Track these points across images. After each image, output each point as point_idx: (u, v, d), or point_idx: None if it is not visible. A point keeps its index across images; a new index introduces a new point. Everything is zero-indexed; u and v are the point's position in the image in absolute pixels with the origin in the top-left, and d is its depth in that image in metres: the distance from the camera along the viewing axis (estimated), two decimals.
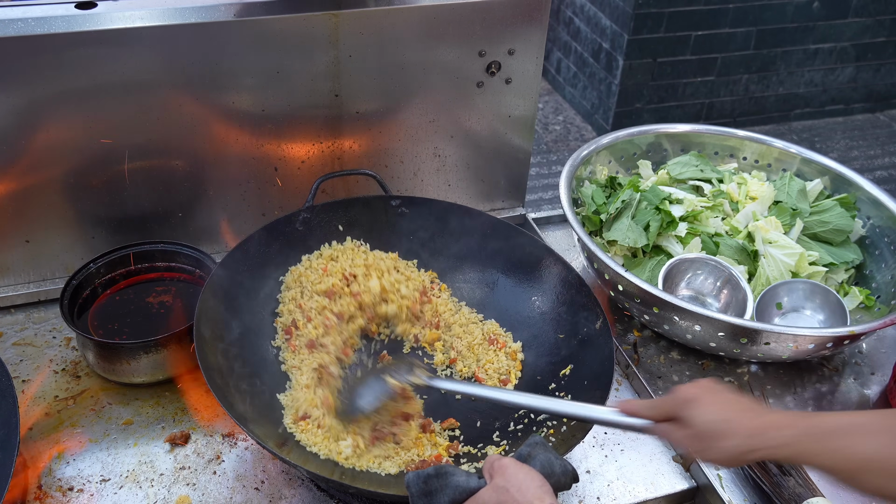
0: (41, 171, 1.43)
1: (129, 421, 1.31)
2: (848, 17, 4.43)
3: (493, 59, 1.58)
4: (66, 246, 1.53)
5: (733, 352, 1.43)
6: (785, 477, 1.22)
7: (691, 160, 1.82)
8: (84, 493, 1.19)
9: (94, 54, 1.34)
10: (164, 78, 1.41)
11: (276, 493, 1.20)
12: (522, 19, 1.55)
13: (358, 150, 1.61)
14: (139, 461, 1.24)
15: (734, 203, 1.72)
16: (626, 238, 1.60)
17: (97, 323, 1.42)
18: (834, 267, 1.61)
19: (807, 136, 4.69)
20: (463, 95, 1.62)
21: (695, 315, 1.37)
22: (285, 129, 1.53)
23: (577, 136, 4.59)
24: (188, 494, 1.19)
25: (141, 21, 1.34)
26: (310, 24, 1.42)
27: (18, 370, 1.39)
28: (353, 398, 1.25)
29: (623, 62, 4.19)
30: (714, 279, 1.56)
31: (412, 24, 1.49)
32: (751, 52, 4.40)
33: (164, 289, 1.49)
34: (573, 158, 1.70)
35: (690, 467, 1.28)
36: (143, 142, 1.46)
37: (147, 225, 1.56)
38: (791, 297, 1.54)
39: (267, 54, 1.43)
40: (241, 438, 1.29)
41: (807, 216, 1.68)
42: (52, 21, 1.30)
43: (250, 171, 1.56)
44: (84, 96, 1.38)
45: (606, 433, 1.34)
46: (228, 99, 1.46)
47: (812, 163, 1.80)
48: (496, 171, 1.77)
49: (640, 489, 1.25)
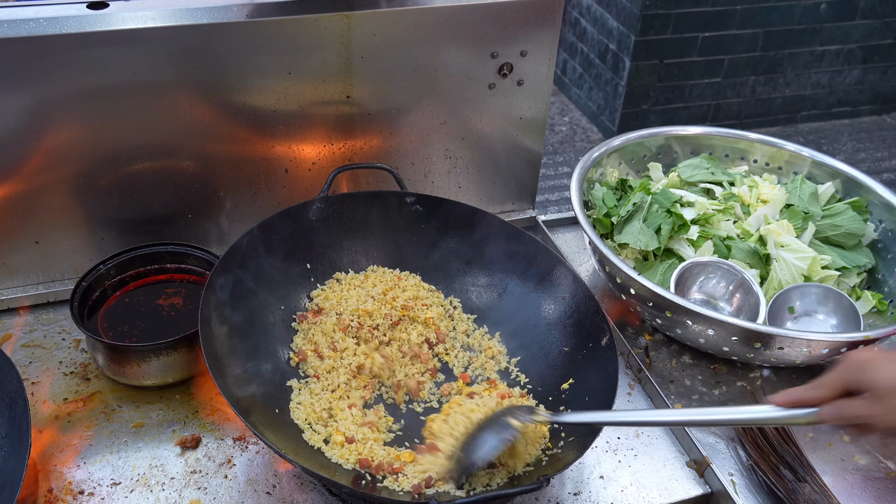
0: (51, 172, 1.42)
1: (139, 424, 1.30)
2: (855, 19, 4.42)
3: (506, 60, 1.57)
4: (75, 247, 1.52)
5: (746, 356, 1.42)
6: (800, 483, 1.21)
7: (702, 163, 1.81)
8: (95, 496, 1.18)
9: (106, 55, 1.33)
10: (175, 78, 1.40)
11: (287, 498, 1.20)
12: (535, 21, 1.54)
13: (369, 151, 1.60)
14: (150, 465, 1.23)
15: (745, 206, 1.71)
16: (638, 241, 1.59)
17: (106, 325, 1.41)
18: (846, 271, 1.60)
19: (813, 138, 4.68)
20: (474, 97, 1.61)
21: (709, 319, 1.36)
22: (296, 131, 1.52)
23: (582, 138, 4.58)
24: (199, 498, 1.19)
25: (152, 21, 1.33)
26: (322, 24, 1.41)
27: (27, 372, 1.38)
28: (472, 448, 1.14)
29: (630, 63, 4.18)
30: (726, 283, 1.55)
31: (425, 26, 1.48)
32: (758, 54, 4.39)
33: (174, 291, 1.48)
34: (584, 161, 1.69)
35: (704, 473, 1.27)
36: (154, 142, 1.46)
37: (156, 226, 1.55)
38: (804, 301, 1.53)
39: (279, 55, 1.43)
40: (251, 442, 1.28)
41: (819, 220, 1.67)
42: (63, 21, 1.29)
43: (261, 172, 1.55)
44: (94, 97, 1.37)
45: (619, 437, 1.34)
46: (239, 100, 1.45)
47: (823, 165, 1.79)
48: (506, 173, 1.76)
49: (653, 495, 1.24)
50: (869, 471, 1.31)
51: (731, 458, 1.30)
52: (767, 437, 1.28)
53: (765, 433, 1.29)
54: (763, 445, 1.27)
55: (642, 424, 1.29)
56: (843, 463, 1.32)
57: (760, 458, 1.26)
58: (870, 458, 1.33)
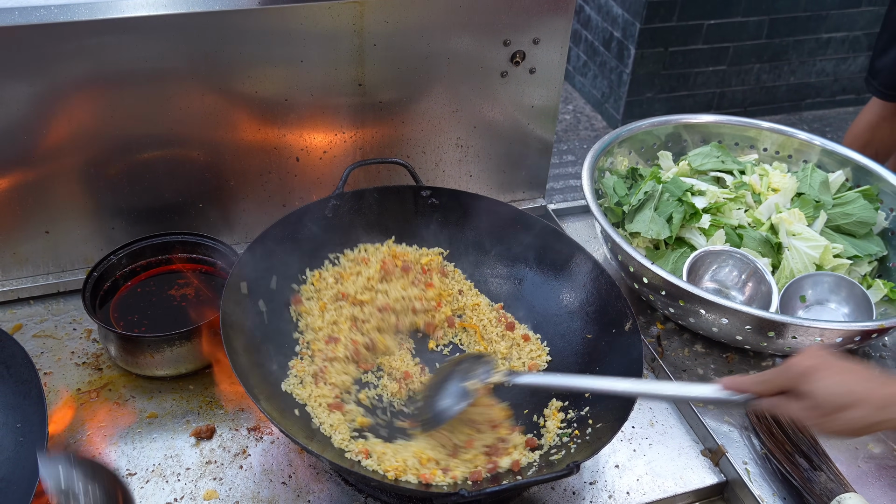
0: (61, 161, 1.41)
1: (153, 414, 1.30)
2: (861, 6, 4.39)
3: (518, 48, 1.56)
4: (85, 237, 1.51)
5: (759, 345, 1.42)
6: (816, 472, 1.21)
7: (712, 151, 1.80)
8: None
9: (117, 42, 1.32)
10: (186, 66, 1.39)
11: (303, 488, 1.20)
12: (548, 7, 1.53)
13: (381, 139, 1.59)
14: (165, 455, 1.23)
15: (756, 195, 1.70)
16: (650, 230, 1.58)
17: (118, 315, 1.41)
18: (858, 259, 1.60)
19: (818, 125, 4.67)
20: (486, 85, 1.60)
21: (723, 308, 1.36)
22: (308, 119, 1.51)
23: (587, 126, 4.56)
24: (215, 489, 1.19)
25: (164, 9, 1.32)
26: (334, 12, 1.40)
27: (40, 362, 1.38)
28: (432, 404, 1.22)
29: (635, 51, 4.16)
30: (738, 272, 1.55)
31: (437, 13, 1.47)
32: (763, 42, 4.36)
33: (186, 281, 1.47)
34: (594, 149, 1.68)
35: (719, 461, 1.27)
36: (164, 131, 1.45)
37: (167, 216, 1.54)
38: (816, 289, 1.53)
39: (290, 43, 1.41)
40: (266, 432, 1.28)
41: (830, 208, 1.66)
42: (74, 9, 1.28)
43: (272, 161, 1.54)
44: (105, 85, 1.36)
45: (634, 427, 1.34)
46: (251, 88, 1.44)
47: (833, 154, 1.78)
48: (517, 161, 1.75)
49: (668, 483, 1.25)
50: (883, 459, 1.31)
51: (745, 447, 1.31)
52: (782, 426, 1.28)
53: (779, 422, 1.29)
54: (777, 434, 1.27)
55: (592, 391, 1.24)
56: (856, 451, 1.32)
57: (775, 446, 1.26)
58: (884, 446, 1.33)
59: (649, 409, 1.37)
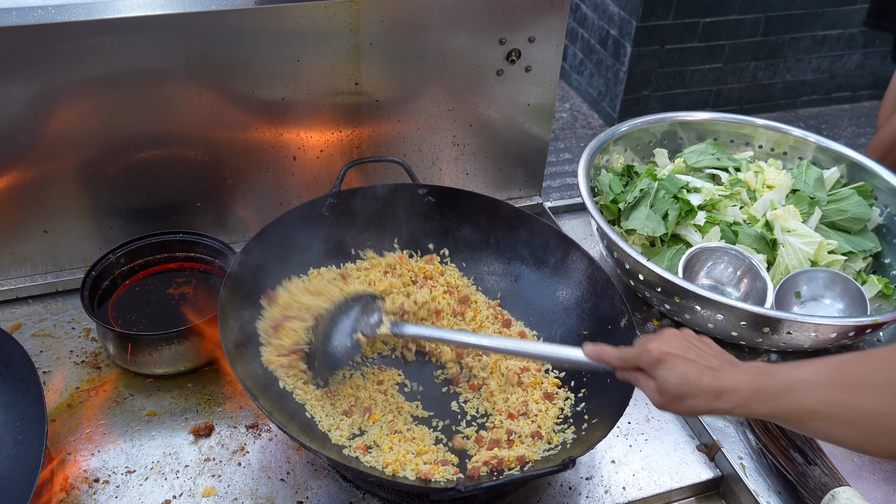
0: (59, 160, 1.42)
1: (151, 412, 1.31)
2: (856, 4, 4.41)
3: (514, 46, 1.57)
4: (83, 236, 1.52)
5: (755, 341, 1.43)
6: (811, 466, 1.22)
7: (707, 148, 1.81)
8: (110, 484, 1.18)
9: (114, 42, 1.33)
10: (184, 66, 1.39)
11: (301, 484, 1.20)
12: (543, 6, 1.54)
13: (377, 138, 1.60)
14: (163, 453, 1.24)
15: (751, 192, 1.71)
16: (645, 227, 1.59)
17: (116, 313, 1.41)
18: (852, 255, 1.61)
19: (814, 123, 4.68)
20: (482, 83, 1.61)
21: (718, 304, 1.37)
22: (304, 118, 1.52)
23: (583, 124, 4.57)
24: (214, 486, 1.19)
25: (161, 9, 1.33)
26: (330, 11, 1.41)
27: (38, 361, 1.38)
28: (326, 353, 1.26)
29: (631, 49, 4.17)
30: (734, 268, 1.56)
31: (433, 11, 1.48)
32: (759, 39, 4.38)
33: (184, 279, 1.48)
34: (590, 147, 1.69)
35: (715, 456, 1.28)
36: (162, 130, 1.45)
37: (165, 215, 1.55)
38: (811, 285, 1.54)
39: (287, 42, 1.42)
40: (265, 429, 1.28)
41: (825, 205, 1.67)
42: (71, 9, 1.29)
43: (269, 159, 1.55)
44: (103, 85, 1.37)
45: (630, 423, 1.34)
46: (248, 87, 1.45)
47: (828, 150, 1.79)
48: (513, 159, 1.76)
49: (664, 478, 1.25)
50: None
51: (740, 442, 1.31)
52: None
53: None
54: (772, 429, 1.28)
55: (465, 345, 1.29)
56: None
57: (770, 441, 1.27)
58: None
59: (645, 405, 1.38)
